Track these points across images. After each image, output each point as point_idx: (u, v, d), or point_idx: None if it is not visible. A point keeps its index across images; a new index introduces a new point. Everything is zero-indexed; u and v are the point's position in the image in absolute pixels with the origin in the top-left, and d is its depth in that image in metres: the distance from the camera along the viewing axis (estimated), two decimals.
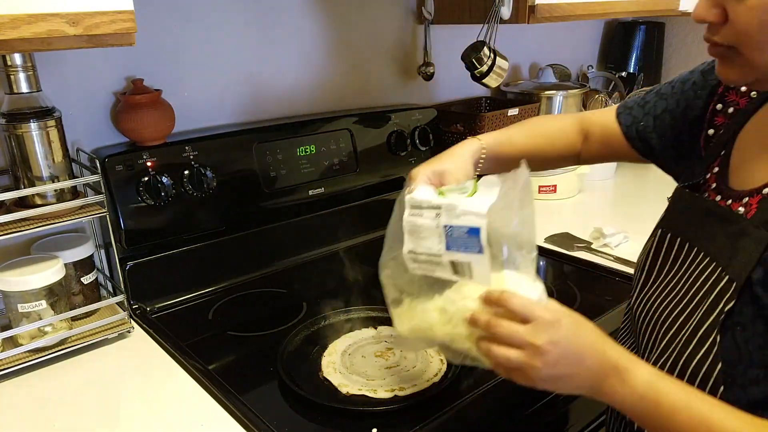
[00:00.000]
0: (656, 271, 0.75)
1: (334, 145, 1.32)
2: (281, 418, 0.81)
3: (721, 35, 0.61)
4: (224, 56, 1.25)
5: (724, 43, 0.61)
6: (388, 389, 0.84)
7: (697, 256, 0.69)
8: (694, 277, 0.68)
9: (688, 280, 0.68)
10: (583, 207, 1.67)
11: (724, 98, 0.78)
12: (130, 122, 1.09)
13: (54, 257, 0.97)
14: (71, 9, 0.69)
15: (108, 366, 0.96)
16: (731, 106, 0.77)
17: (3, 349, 0.93)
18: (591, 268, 1.26)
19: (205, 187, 1.13)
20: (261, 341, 1.03)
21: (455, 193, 0.68)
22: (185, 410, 0.84)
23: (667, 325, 0.68)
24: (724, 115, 0.77)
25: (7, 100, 0.92)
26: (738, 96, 0.76)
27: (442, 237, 0.65)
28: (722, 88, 0.78)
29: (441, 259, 0.66)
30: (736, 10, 0.58)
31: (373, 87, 1.52)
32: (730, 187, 0.70)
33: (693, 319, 0.65)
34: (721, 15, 0.59)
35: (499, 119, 1.53)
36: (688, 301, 0.67)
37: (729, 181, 0.71)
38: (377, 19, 1.48)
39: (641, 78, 1.94)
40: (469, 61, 1.37)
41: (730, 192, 0.70)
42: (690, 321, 0.65)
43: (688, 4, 1.62)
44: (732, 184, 0.71)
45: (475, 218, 0.62)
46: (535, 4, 1.27)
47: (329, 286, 1.24)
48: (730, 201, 0.69)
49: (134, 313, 1.10)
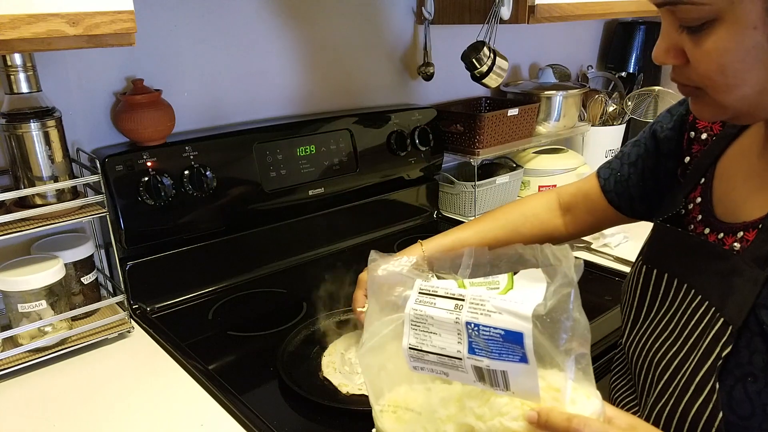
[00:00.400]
0: (645, 309, 0.71)
1: (334, 145, 1.32)
2: (281, 418, 0.81)
3: (685, 77, 0.58)
4: (224, 56, 1.25)
5: (690, 85, 0.58)
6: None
7: (687, 293, 0.65)
8: (687, 316, 0.64)
9: (681, 320, 0.65)
10: None
11: (695, 126, 0.76)
12: (130, 122, 1.09)
13: (54, 257, 0.97)
14: (71, 9, 0.69)
15: (108, 366, 0.96)
16: (705, 132, 0.74)
17: (3, 349, 0.93)
18: (591, 268, 1.26)
19: (205, 187, 1.13)
20: (261, 341, 1.03)
21: (482, 287, 0.53)
22: (185, 410, 0.84)
23: (662, 368, 0.64)
24: (698, 142, 0.75)
25: (7, 100, 0.92)
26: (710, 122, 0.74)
27: (463, 335, 0.51)
28: (691, 116, 0.76)
29: (462, 363, 0.52)
30: (694, 55, 0.55)
31: (373, 87, 1.52)
32: (719, 219, 0.67)
33: (689, 363, 0.61)
34: (681, 57, 0.56)
35: (499, 119, 1.53)
36: (683, 343, 0.63)
37: (715, 212, 0.68)
38: (377, 19, 1.48)
39: (641, 78, 1.94)
40: (469, 61, 1.37)
41: (720, 224, 0.66)
42: (686, 366, 0.61)
43: None
44: (718, 215, 0.68)
45: (515, 320, 0.49)
46: (535, 4, 1.28)
47: (329, 286, 1.24)
48: (722, 235, 0.65)
49: (134, 313, 1.10)
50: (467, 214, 1.57)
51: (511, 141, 1.60)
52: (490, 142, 1.53)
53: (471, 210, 1.56)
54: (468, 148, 1.53)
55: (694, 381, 0.60)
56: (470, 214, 1.56)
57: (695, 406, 0.59)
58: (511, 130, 1.59)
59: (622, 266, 1.23)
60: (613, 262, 1.26)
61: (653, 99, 1.85)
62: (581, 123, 1.82)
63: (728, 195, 0.68)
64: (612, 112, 1.85)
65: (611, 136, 1.86)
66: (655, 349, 0.67)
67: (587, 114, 1.85)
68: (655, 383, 0.66)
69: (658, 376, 0.65)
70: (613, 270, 1.23)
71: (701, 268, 0.64)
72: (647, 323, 0.70)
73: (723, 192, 0.69)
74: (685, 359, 0.62)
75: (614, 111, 1.86)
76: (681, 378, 0.61)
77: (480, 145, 1.51)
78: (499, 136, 1.56)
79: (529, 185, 1.71)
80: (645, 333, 0.70)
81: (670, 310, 0.67)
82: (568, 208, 0.95)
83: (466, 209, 1.57)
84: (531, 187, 1.71)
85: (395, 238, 1.45)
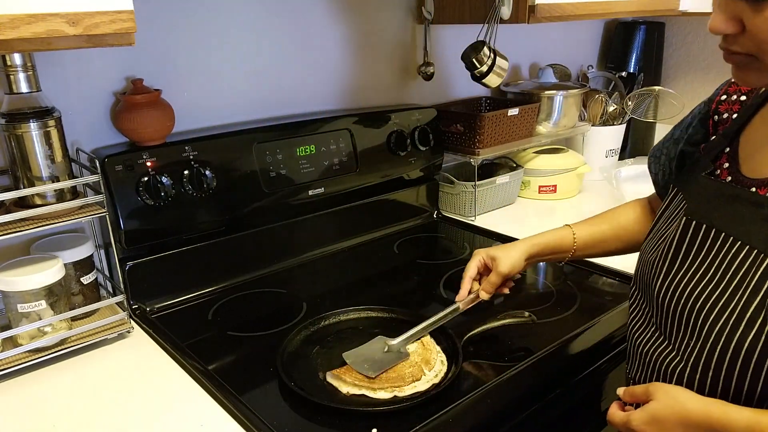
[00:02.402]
0: (680, 259, 0.75)
1: (333, 145, 1.32)
2: (281, 418, 0.81)
3: (739, 45, 0.62)
4: (224, 56, 1.25)
5: (742, 52, 0.62)
6: (388, 389, 0.84)
7: (726, 241, 0.70)
8: (727, 262, 0.69)
9: (722, 266, 0.69)
10: (583, 207, 1.67)
11: (718, 110, 0.81)
12: (130, 122, 1.09)
13: (54, 257, 0.97)
14: (71, 9, 0.69)
15: (108, 366, 0.96)
16: (726, 113, 0.79)
17: (3, 349, 0.93)
18: (591, 268, 1.26)
19: (205, 187, 1.13)
20: (261, 341, 1.02)
21: None
22: (185, 410, 0.84)
23: (706, 311, 0.68)
24: (722, 123, 0.79)
25: (6, 100, 0.92)
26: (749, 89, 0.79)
27: None
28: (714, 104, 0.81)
29: None
30: (753, 22, 0.59)
31: (373, 87, 1.52)
32: (748, 177, 0.71)
33: (735, 302, 0.66)
34: (738, 26, 0.61)
35: (499, 119, 1.53)
36: (726, 285, 0.68)
37: (742, 172, 0.73)
38: (377, 19, 1.48)
39: (641, 78, 1.94)
40: (469, 61, 1.37)
41: (750, 180, 0.71)
42: (732, 305, 0.66)
43: (688, 4, 1.62)
44: (745, 173, 0.72)
45: None
46: (535, 4, 1.27)
47: (329, 286, 1.24)
48: (754, 189, 0.70)
49: (134, 313, 1.10)
50: (467, 214, 1.57)
51: (511, 141, 1.60)
52: (490, 142, 1.53)
53: (471, 210, 1.56)
54: (468, 148, 1.53)
55: (744, 317, 0.65)
56: (470, 214, 1.56)
57: (748, 339, 0.64)
58: (511, 130, 1.59)
59: (622, 266, 1.23)
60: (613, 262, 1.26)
61: (653, 99, 1.85)
62: (581, 123, 1.82)
63: (753, 156, 0.73)
64: (612, 112, 1.85)
65: (611, 136, 1.86)
66: (696, 295, 0.70)
67: (587, 114, 1.85)
68: (698, 328, 0.69)
69: (702, 320, 0.69)
70: (613, 270, 1.23)
71: (742, 215, 0.69)
72: (683, 272, 0.74)
73: (748, 154, 0.73)
74: (731, 299, 0.67)
75: (614, 111, 1.85)
76: (729, 317, 0.66)
77: (480, 145, 1.51)
78: (499, 136, 1.56)
79: (529, 185, 1.71)
80: (682, 281, 0.73)
81: (708, 258, 0.71)
82: (652, 209, 1.01)
83: (466, 209, 1.57)
84: (531, 187, 1.71)
85: (395, 238, 1.45)
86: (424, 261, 1.37)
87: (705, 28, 0.65)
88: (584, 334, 1.00)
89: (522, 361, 0.92)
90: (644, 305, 0.81)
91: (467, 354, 0.93)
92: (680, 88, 2.05)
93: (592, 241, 1.02)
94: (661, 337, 0.76)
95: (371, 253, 1.38)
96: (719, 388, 0.67)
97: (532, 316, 1.01)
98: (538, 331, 1.01)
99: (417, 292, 1.21)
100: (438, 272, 1.26)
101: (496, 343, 0.99)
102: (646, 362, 0.78)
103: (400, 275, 1.28)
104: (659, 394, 0.69)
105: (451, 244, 1.49)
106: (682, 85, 2.07)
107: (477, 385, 0.86)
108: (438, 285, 1.20)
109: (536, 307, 1.09)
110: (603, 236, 1.02)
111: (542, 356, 0.93)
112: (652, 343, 0.77)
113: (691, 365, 0.69)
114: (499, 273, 0.97)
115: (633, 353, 0.82)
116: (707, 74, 2.00)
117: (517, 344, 0.98)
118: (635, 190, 1.54)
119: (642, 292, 0.82)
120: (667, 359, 0.74)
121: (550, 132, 1.73)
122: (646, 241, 0.83)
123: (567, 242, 1.01)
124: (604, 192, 1.75)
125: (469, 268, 1.01)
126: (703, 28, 1.94)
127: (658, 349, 0.76)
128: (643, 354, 0.78)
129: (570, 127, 1.77)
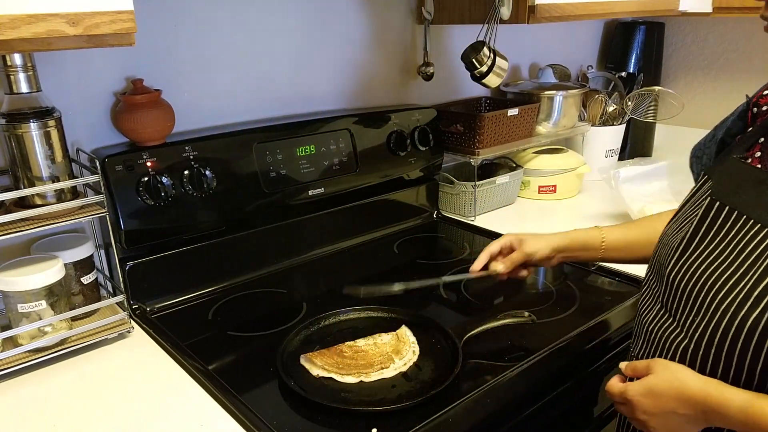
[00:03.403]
0: (699, 239, 0.75)
1: (333, 145, 1.32)
2: (281, 418, 0.81)
3: None
4: (224, 56, 1.25)
5: None
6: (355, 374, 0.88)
7: (746, 223, 0.70)
8: (743, 243, 0.69)
9: (737, 247, 0.70)
10: (583, 207, 1.67)
11: (758, 103, 0.81)
12: (130, 122, 1.09)
13: (54, 257, 0.97)
14: (71, 9, 0.69)
15: (108, 366, 0.96)
16: (766, 105, 0.79)
17: (3, 349, 0.93)
18: (591, 268, 1.26)
19: (205, 187, 1.13)
20: (261, 341, 1.03)
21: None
22: (185, 410, 0.84)
23: (715, 289, 0.69)
24: (761, 115, 0.80)
25: (7, 100, 0.92)
26: None
27: None
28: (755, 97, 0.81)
29: None
30: None
31: (373, 87, 1.52)
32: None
33: (746, 280, 0.67)
34: None
35: (498, 119, 1.53)
36: (739, 265, 0.68)
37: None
38: (377, 19, 1.48)
39: (641, 78, 1.94)
40: (469, 61, 1.37)
41: None
42: (742, 283, 0.67)
43: (688, 4, 1.62)
44: None
45: None
46: (535, 4, 1.27)
47: (329, 286, 1.24)
48: None
49: (134, 313, 1.10)
50: (467, 214, 1.57)
51: (511, 141, 1.60)
52: (490, 142, 1.53)
53: (471, 210, 1.56)
54: (468, 148, 1.53)
55: (753, 294, 0.65)
56: (470, 214, 1.56)
57: (753, 314, 0.64)
58: (511, 130, 1.59)
59: (622, 266, 1.23)
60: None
61: (653, 99, 1.85)
62: (581, 123, 1.82)
63: None
64: (612, 112, 1.85)
65: (611, 136, 1.86)
66: (707, 273, 0.71)
67: (587, 114, 1.85)
68: (707, 304, 0.70)
69: (711, 296, 0.69)
70: (613, 270, 1.23)
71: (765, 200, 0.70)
72: (699, 251, 0.74)
73: None
74: (741, 278, 0.67)
75: (614, 111, 1.85)
76: (737, 295, 0.67)
77: (480, 145, 1.51)
78: (499, 136, 1.56)
79: (529, 185, 1.71)
80: (696, 260, 0.74)
81: (726, 239, 0.72)
82: None
83: (466, 209, 1.57)
84: (531, 187, 1.71)
85: (395, 238, 1.45)
86: (424, 261, 1.37)
87: (705, 28, 0.66)
88: (584, 334, 1.00)
89: (522, 361, 0.92)
90: (654, 284, 0.81)
91: (467, 354, 0.93)
92: (680, 88, 2.05)
93: (622, 244, 1.01)
94: (666, 314, 0.76)
95: (371, 253, 1.38)
96: (720, 366, 0.67)
97: (531, 316, 1.01)
98: (537, 331, 1.01)
99: (417, 292, 1.21)
100: (438, 272, 1.26)
101: (496, 343, 0.99)
102: (650, 339, 0.78)
103: (400, 275, 1.27)
104: (659, 369, 0.71)
105: (450, 245, 1.49)
106: (681, 85, 2.07)
107: (477, 385, 0.86)
108: (438, 285, 1.20)
109: (536, 307, 1.09)
110: (635, 240, 1.00)
111: (542, 356, 0.93)
112: (657, 320, 0.77)
113: (695, 342, 0.70)
114: (522, 251, 0.99)
115: (639, 331, 0.83)
116: (707, 74, 2.00)
117: (516, 344, 0.98)
118: (635, 190, 1.54)
119: (655, 271, 0.82)
120: (672, 336, 0.74)
121: (550, 132, 1.73)
122: (669, 225, 0.83)
123: (595, 241, 1.01)
124: (604, 192, 1.75)
125: (492, 244, 1.03)
126: (703, 28, 1.94)
127: (663, 326, 0.76)
128: (648, 331, 0.79)
129: (570, 127, 1.77)
